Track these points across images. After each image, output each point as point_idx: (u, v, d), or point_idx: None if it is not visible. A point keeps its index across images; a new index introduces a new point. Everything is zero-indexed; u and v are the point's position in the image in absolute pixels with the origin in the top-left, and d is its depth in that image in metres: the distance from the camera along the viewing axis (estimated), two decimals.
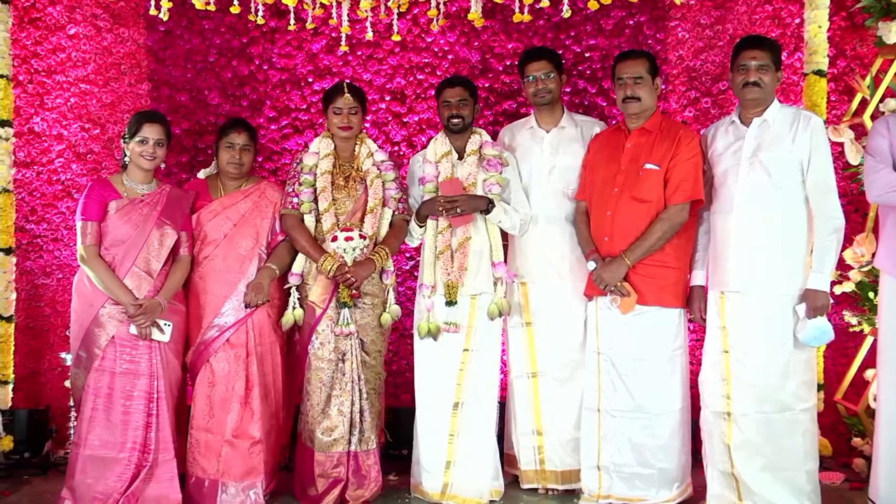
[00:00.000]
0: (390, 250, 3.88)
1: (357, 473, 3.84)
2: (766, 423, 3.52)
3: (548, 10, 3.88)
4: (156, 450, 3.69)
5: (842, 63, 4.60)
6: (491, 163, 3.91)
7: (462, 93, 3.93)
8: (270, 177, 4.88)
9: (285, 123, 5.03)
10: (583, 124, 4.11)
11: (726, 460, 3.57)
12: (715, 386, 3.61)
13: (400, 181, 3.97)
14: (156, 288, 3.72)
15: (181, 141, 4.99)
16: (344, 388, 3.81)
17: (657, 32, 4.91)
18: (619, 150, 3.79)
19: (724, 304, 3.60)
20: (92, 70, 4.94)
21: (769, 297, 3.53)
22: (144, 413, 3.68)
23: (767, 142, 3.55)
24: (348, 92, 3.85)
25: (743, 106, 3.64)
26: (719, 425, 3.60)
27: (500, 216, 3.87)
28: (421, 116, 4.99)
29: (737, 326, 3.56)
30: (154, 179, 3.84)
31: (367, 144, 3.98)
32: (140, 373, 3.69)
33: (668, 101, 4.90)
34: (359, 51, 4.93)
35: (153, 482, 3.68)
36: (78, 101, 4.93)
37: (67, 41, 4.92)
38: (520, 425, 4.05)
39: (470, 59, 4.99)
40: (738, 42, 3.68)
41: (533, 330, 4.01)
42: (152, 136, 3.74)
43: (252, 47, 5.00)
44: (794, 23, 4.69)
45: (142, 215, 3.74)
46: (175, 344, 3.77)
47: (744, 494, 3.55)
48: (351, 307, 3.79)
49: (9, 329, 4.54)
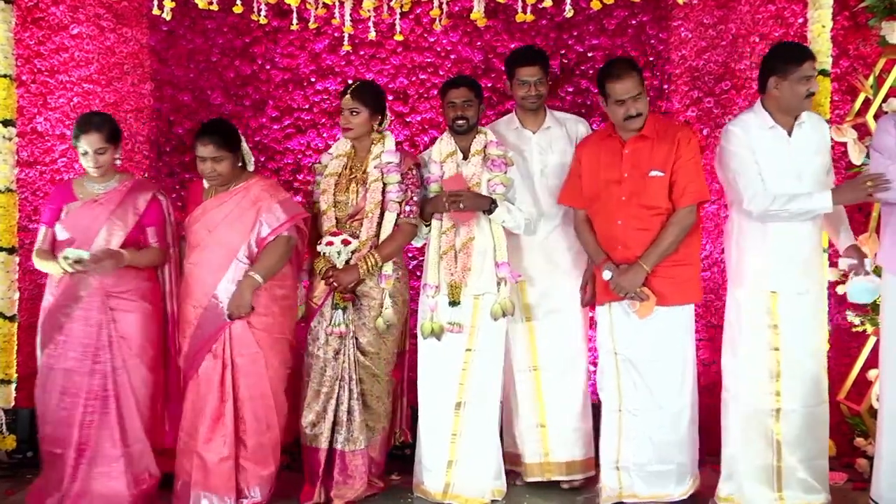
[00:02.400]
0: (384, 255, 3.82)
1: (343, 472, 3.85)
2: (811, 416, 3.69)
3: (550, 10, 3.88)
4: (105, 447, 3.74)
5: (845, 63, 4.60)
6: (495, 163, 3.91)
7: (467, 93, 3.92)
8: (266, 173, 4.88)
9: (288, 123, 5.03)
10: (566, 122, 4.14)
11: (770, 454, 3.66)
12: (762, 383, 3.67)
13: (408, 184, 3.90)
14: (102, 281, 3.75)
15: (184, 141, 5.00)
16: (332, 385, 3.84)
17: (660, 32, 4.91)
18: (618, 156, 3.78)
19: (775, 302, 3.66)
20: (95, 70, 4.94)
21: (814, 293, 3.72)
22: (88, 412, 3.72)
23: (809, 147, 3.70)
24: (351, 92, 3.85)
25: (797, 110, 3.68)
26: (765, 421, 3.67)
27: (503, 216, 3.87)
28: (423, 116, 4.99)
29: (790, 325, 3.65)
30: (116, 176, 3.88)
31: (382, 144, 3.92)
32: (83, 371, 3.74)
33: (671, 101, 4.89)
34: (361, 50, 4.93)
35: (103, 480, 3.73)
36: (81, 100, 4.93)
37: (70, 41, 4.92)
38: (523, 419, 4.07)
39: (472, 58, 4.99)
40: (794, 52, 3.68)
41: (532, 325, 4.04)
42: (90, 148, 3.76)
43: (255, 47, 5.00)
44: (798, 22, 4.68)
45: (92, 216, 3.78)
46: (137, 345, 3.80)
47: (784, 486, 3.66)
48: (343, 309, 3.81)
49: (12, 328, 4.55)
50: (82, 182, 3.88)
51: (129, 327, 3.80)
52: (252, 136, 5.01)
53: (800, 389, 3.66)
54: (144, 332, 3.83)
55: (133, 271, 3.84)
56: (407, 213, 3.90)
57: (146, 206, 3.85)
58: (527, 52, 4.11)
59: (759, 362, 3.68)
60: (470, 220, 3.85)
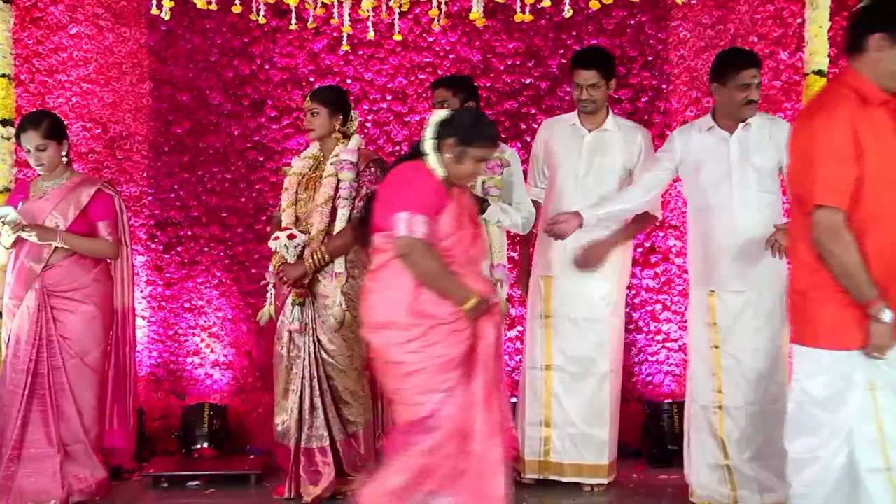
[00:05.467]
0: (330, 250, 3.81)
1: (308, 469, 3.86)
2: (757, 415, 3.62)
3: (549, 10, 3.88)
4: (40, 446, 3.79)
5: (843, 63, 4.58)
6: (490, 165, 3.89)
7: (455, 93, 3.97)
8: (264, 173, 4.88)
9: (286, 123, 5.03)
10: (625, 129, 4.06)
11: (719, 453, 3.65)
12: (706, 381, 3.69)
13: (364, 181, 3.85)
14: (42, 280, 3.83)
15: (183, 140, 5.00)
16: (297, 383, 3.87)
17: (659, 32, 4.92)
18: None
19: (713, 301, 3.67)
20: (93, 69, 4.95)
21: (756, 293, 3.64)
22: (25, 409, 3.78)
23: (750, 148, 3.66)
24: (311, 95, 3.93)
25: (735, 116, 3.67)
26: (710, 419, 3.67)
27: (497, 215, 3.86)
28: (422, 116, 4.99)
29: (728, 323, 3.65)
30: (66, 173, 3.96)
31: (345, 144, 3.93)
32: (21, 369, 3.80)
33: (670, 102, 4.90)
34: (360, 50, 4.93)
35: (35, 477, 3.78)
36: (80, 100, 4.93)
37: (69, 40, 4.92)
38: (528, 415, 4.06)
39: (471, 58, 4.99)
40: (734, 60, 3.66)
41: (551, 323, 4.01)
42: (30, 145, 3.86)
43: (253, 47, 5.00)
44: (796, 23, 4.69)
45: (38, 210, 3.87)
46: (79, 346, 3.86)
47: (738, 484, 3.64)
48: (300, 305, 3.84)
49: None
50: (38, 181, 3.98)
51: (70, 327, 3.86)
52: (251, 136, 5.01)
53: (743, 387, 3.63)
54: (88, 332, 3.89)
55: (77, 271, 3.89)
56: (360, 210, 3.86)
57: (90, 200, 3.91)
58: (584, 55, 4.02)
59: (703, 360, 3.72)
60: None
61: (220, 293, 5.05)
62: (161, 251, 5.03)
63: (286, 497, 3.90)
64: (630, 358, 4.94)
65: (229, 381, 5.02)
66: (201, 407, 4.62)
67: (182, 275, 5.05)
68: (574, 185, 4.00)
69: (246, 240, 5.04)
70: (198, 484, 4.24)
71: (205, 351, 5.04)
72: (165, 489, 4.19)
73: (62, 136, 3.93)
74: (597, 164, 4.00)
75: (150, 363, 5.00)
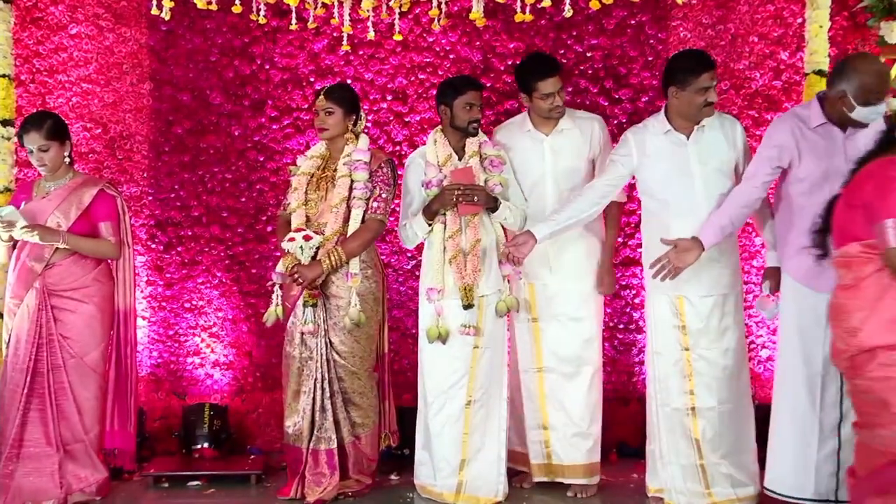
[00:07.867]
0: (347, 251, 3.80)
1: (314, 471, 3.87)
2: (729, 413, 3.71)
3: (549, 10, 3.88)
4: (39, 445, 3.82)
5: None
6: (494, 163, 3.90)
7: (480, 96, 3.93)
8: (265, 173, 4.88)
9: (287, 123, 5.03)
10: (580, 121, 4.06)
11: (692, 453, 3.69)
12: (677, 383, 3.72)
13: (377, 181, 3.88)
14: (43, 280, 3.85)
15: (183, 140, 5.00)
16: (309, 384, 3.87)
17: (659, 32, 4.92)
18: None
19: (682, 305, 3.70)
20: (94, 69, 4.95)
21: (722, 295, 3.71)
22: (24, 409, 3.81)
23: (707, 150, 3.68)
24: (325, 93, 3.90)
25: (694, 119, 3.69)
26: (683, 420, 3.71)
27: (505, 213, 3.88)
28: (423, 116, 4.99)
29: (699, 326, 3.69)
30: (69, 174, 3.97)
31: (355, 144, 3.93)
32: (21, 367, 3.82)
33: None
34: (360, 50, 4.93)
35: (34, 477, 3.80)
36: (80, 100, 4.93)
37: (69, 41, 4.93)
38: (528, 420, 4.08)
39: (471, 58, 4.99)
40: (693, 63, 3.65)
41: (539, 326, 4.02)
42: (33, 146, 3.87)
43: (254, 47, 5.00)
44: (796, 22, 4.69)
45: (39, 211, 3.88)
46: (79, 345, 3.88)
47: (711, 483, 3.69)
48: (312, 306, 3.82)
49: None
50: (41, 181, 4.00)
51: (70, 327, 3.88)
52: (251, 136, 5.01)
53: (715, 388, 3.69)
54: (88, 332, 3.91)
55: (78, 271, 3.91)
56: (374, 210, 3.88)
57: (92, 201, 3.92)
58: (545, 64, 3.98)
59: (673, 363, 3.73)
60: (476, 213, 3.81)
61: (220, 293, 5.05)
62: (161, 251, 5.04)
63: (291, 497, 3.90)
64: (630, 358, 4.95)
65: (230, 381, 5.03)
66: (202, 407, 4.62)
67: (182, 275, 5.05)
68: (542, 187, 4.01)
69: (246, 240, 5.04)
70: (198, 484, 4.24)
71: (205, 351, 5.05)
72: (166, 489, 4.20)
73: (64, 137, 3.95)
74: (562, 167, 4.00)
75: (150, 363, 5.00)
